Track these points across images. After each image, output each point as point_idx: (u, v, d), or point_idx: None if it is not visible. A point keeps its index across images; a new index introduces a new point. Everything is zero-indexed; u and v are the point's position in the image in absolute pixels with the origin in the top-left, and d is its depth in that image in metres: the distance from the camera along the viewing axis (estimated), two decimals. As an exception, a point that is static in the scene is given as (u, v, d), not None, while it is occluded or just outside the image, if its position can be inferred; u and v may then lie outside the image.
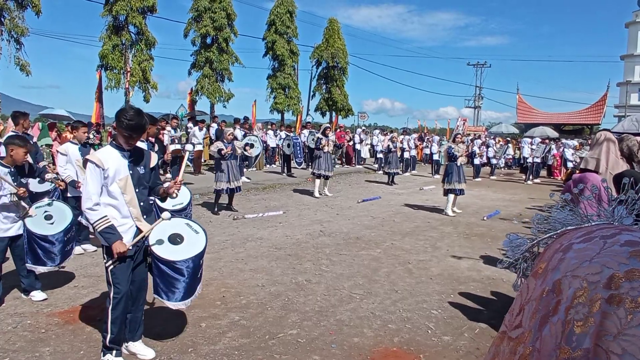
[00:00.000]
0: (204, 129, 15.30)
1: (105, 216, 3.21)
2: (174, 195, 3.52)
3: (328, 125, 13.57)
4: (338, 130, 21.36)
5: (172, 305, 3.46)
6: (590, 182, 3.50)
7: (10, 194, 4.31)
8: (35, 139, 10.23)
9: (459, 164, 9.69)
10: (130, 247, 3.27)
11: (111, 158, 3.27)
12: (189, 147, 3.86)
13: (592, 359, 1.15)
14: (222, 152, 9.02)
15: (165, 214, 3.42)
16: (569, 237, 1.51)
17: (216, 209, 9.27)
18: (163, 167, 11.44)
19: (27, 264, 4.46)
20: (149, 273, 3.55)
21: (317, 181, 11.94)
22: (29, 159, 5.04)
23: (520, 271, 1.86)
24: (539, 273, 1.48)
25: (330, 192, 12.36)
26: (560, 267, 1.37)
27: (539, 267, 1.51)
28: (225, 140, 9.23)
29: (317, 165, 11.72)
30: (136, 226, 3.36)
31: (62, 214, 4.76)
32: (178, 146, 12.13)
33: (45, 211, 4.66)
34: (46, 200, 4.98)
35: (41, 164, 6.59)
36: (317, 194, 11.85)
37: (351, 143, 21.15)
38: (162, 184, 3.66)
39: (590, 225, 1.56)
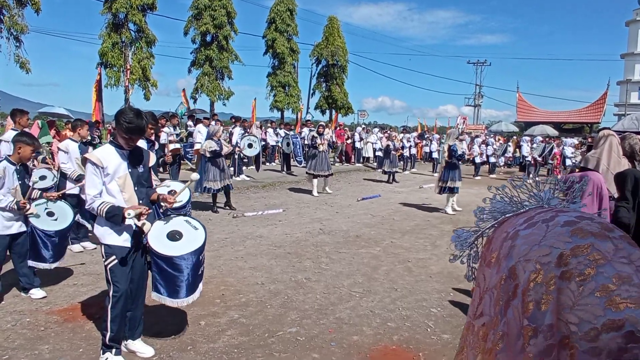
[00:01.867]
0: (208, 126, 15.27)
1: (103, 201, 3.21)
2: (166, 206, 3.52)
3: (322, 123, 13.50)
4: (337, 128, 21.36)
5: (172, 302, 3.45)
6: (591, 181, 3.49)
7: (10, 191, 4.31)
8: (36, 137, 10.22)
9: (459, 163, 9.70)
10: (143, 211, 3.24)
11: (110, 157, 3.26)
12: (194, 176, 3.86)
13: (555, 332, 1.27)
14: (222, 152, 8.97)
15: (194, 175, 3.66)
16: (512, 225, 1.63)
17: (215, 208, 9.27)
18: (163, 166, 11.45)
19: (28, 260, 4.48)
20: (148, 271, 3.55)
21: (315, 181, 11.89)
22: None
23: (469, 263, 1.98)
24: (492, 262, 1.57)
25: (330, 189, 12.35)
26: (512, 254, 1.47)
27: (491, 256, 1.61)
28: (215, 139, 9.12)
29: (313, 166, 11.69)
30: (135, 224, 3.36)
31: (63, 212, 4.78)
32: (177, 145, 12.11)
33: (46, 208, 4.67)
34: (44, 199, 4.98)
35: (40, 158, 6.60)
36: (315, 193, 11.84)
37: (349, 142, 21.14)
38: (155, 186, 3.66)
39: (527, 210, 1.68)
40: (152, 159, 3.57)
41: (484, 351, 1.50)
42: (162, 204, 3.62)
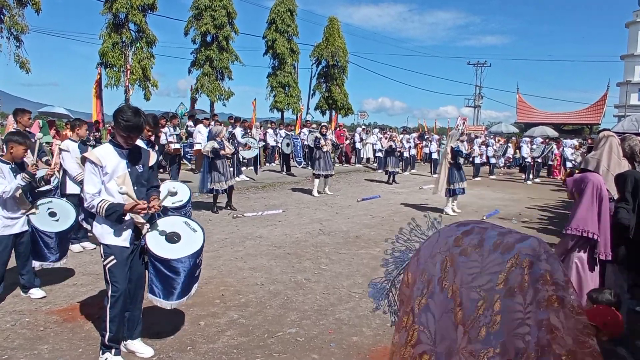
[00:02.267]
0: (208, 126, 15.26)
1: (102, 199, 3.21)
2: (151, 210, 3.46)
3: (325, 124, 13.54)
4: (337, 129, 21.35)
5: (166, 304, 3.44)
6: (591, 182, 3.49)
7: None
8: (36, 136, 10.22)
9: (462, 162, 9.72)
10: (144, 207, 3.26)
11: (109, 156, 3.26)
12: (172, 190, 3.87)
13: (509, 348, 1.45)
14: (221, 152, 8.97)
15: (171, 189, 3.58)
16: (426, 260, 1.87)
17: (215, 209, 9.27)
18: (163, 167, 11.45)
19: (33, 261, 4.50)
20: (146, 271, 3.54)
21: (317, 181, 11.94)
22: (31, 157, 5.02)
23: (390, 310, 2.16)
24: (424, 293, 1.82)
25: (330, 190, 12.35)
26: (456, 280, 1.70)
27: (419, 301, 1.82)
28: (217, 139, 9.15)
29: (317, 166, 11.73)
30: (134, 224, 3.36)
31: (66, 212, 4.78)
32: (178, 145, 12.12)
33: (49, 208, 4.66)
34: (48, 198, 4.98)
35: (44, 159, 6.59)
36: (315, 193, 11.84)
37: (348, 142, 21.14)
38: (158, 185, 3.65)
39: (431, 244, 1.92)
40: (153, 158, 3.56)
41: None
42: (166, 202, 3.64)
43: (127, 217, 3.27)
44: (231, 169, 9.76)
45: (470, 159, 9.57)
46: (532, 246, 1.66)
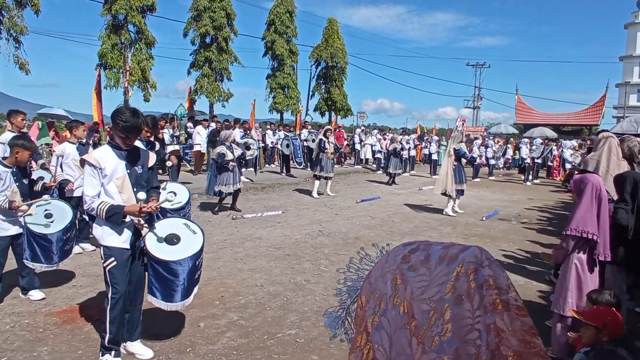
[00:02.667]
0: (207, 128, 15.27)
1: (102, 201, 3.21)
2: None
3: (329, 127, 13.66)
4: (337, 130, 21.36)
5: (166, 306, 3.43)
6: (590, 183, 3.49)
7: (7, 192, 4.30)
8: (34, 138, 10.20)
9: (464, 164, 9.75)
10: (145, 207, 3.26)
11: (108, 157, 3.26)
12: (170, 196, 3.90)
13: (462, 354, 1.53)
14: (230, 164, 9.01)
15: (170, 196, 3.72)
16: (378, 290, 1.97)
17: (217, 209, 9.30)
18: (163, 168, 11.45)
19: (24, 260, 4.41)
20: (146, 273, 3.53)
21: (317, 182, 11.97)
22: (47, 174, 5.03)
23: (347, 338, 2.28)
24: (379, 311, 1.91)
25: (332, 191, 12.35)
26: (407, 295, 1.80)
27: (374, 310, 1.93)
28: (227, 144, 9.22)
29: (319, 168, 11.80)
30: (134, 225, 3.35)
31: (62, 213, 4.73)
32: (177, 147, 12.11)
33: (46, 209, 4.63)
34: (46, 198, 4.94)
35: (39, 162, 6.57)
36: (315, 195, 11.85)
37: (346, 143, 21.16)
38: (158, 186, 3.65)
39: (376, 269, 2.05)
40: (152, 160, 3.55)
41: None
42: (166, 204, 3.65)
43: (127, 219, 3.27)
44: (243, 169, 9.89)
45: (473, 162, 9.62)
46: (474, 254, 1.77)
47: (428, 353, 1.62)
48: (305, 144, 17.46)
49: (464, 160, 9.87)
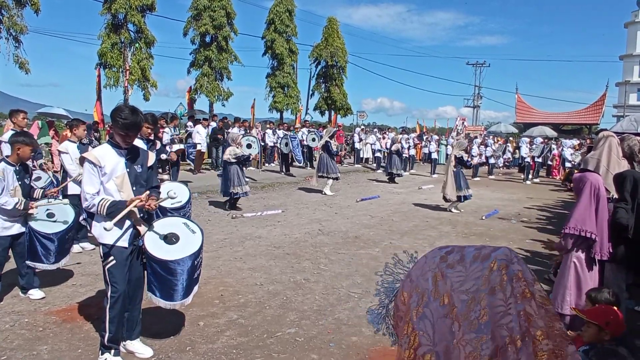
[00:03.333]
0: (207, 127, 15.29)
1: (102, 198, 3.21)
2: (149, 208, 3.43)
3: (335, 129, 13.87)
4: (337, 129, 21.35)
5: (165, 305, 3.44)
6: (589, 182, 3.49)
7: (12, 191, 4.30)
8: (34, 137, 10.19)
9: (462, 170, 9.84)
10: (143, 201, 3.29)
11: (108, 156, 3.26)
12: (172, 194, 3.92)
13: (497, 336, 1.82)
14: (250, 159, 9.21)
15: (172, 193, 3.76)
16: (419, 280, 2.30)
17: (227, 208, 9.49)
18: (163, 167, 11.46)
19: (27, 261, 4.44)
20: (145, 272, 3.53)
21: (330, 181, 12.19)
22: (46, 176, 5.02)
23: (390, 332, 2.55)
24: (422, 303, 2.20)
25: (331, 191, 12.37)
26: (447, 288, 2.11)
27: (416, 303, 2.24)
28: (235, 144, 9.38)
29: (328, 170, 11.98)
30: (133, 224, 3.35)
31: (64, 212, 4.74)
32: (181, 146, 12.13)
33: (47, 209, 4.63)
34: (47, 199, 4.95)
35: (39, 162, 6.56)
36: (329, 192, 12.10)
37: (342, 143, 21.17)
38: (158, 186, 3.65)
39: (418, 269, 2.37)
40: (152, 159, 3.55)
41: None
42: (165, 203, 3.66)
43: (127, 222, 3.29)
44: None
45: (470, 166, 9.74)
46: (505, 253, 2.07)
47: (468, 333, 1.90)
48: (304, 142, 17.46)
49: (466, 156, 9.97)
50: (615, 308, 2.81)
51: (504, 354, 1.77)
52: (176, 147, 11.25)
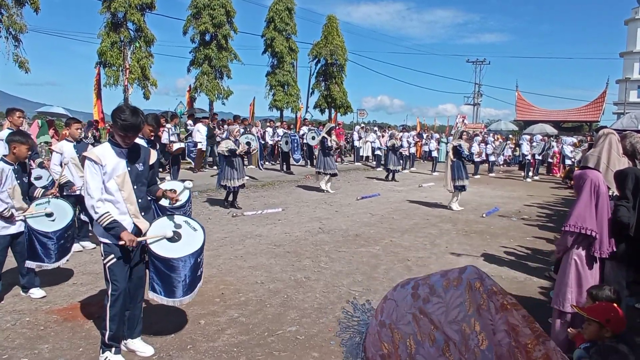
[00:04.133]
0: (207, 126, 15.26)
1: (108, 212, 3.20)
2: (174, 201, 3.59)
3: (333, 125, 13.90)
4: (337, 127, 21.33)
5: (168, 302, 3.43)
6: (589, 179, 3.49)
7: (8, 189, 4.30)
8: (34, 136, 10.22)
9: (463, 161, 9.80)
10: (138, 241, 3.30)
11: (109, 155, 3.26)
12: (188, 184, 3.92)
13: (501, 354, 1.83)
14: (237, 152, 9.18)
15: (188, 183, 3.77)
16: (394, 315, 2.35)
17: (226, 204, 9.51)
18: (161, 165, 11.46)
19: (26, 261, 4.42)
20: (146, 270, 3.54)
21: (325, 177, 12.25)
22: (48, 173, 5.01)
23: None
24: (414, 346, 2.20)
25: (332, 189, 12.41)
26: (436, 325, 2.07)
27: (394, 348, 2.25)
28: (232, 138, 9.36)
29: (324, 166, 12.03)
30: (134, 223, 3.35)
31: (63, 211, 4.73)
32: (182, 145, 12.13)
33: (46, 208, 4.63)
34: (46, 198, 4.94)
35: (37, 161, 6.55)
36: (324, 187, 12.21)
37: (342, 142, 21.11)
38: (159, 183, 3.66)
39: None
40: (153, 157, 3.55)
41: None
42: (163, 200, 3.66)
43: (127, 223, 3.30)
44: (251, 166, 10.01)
45: (472, 160, 9.70)
46: (473, 271, 2.12)
47: None
48: (304, 140, 17.45)
49: (466, 149, 9.92)
50: (615, 305, 2.81)
51: None
52: (176, 145, 11.26)
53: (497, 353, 1.80)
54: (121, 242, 3.19)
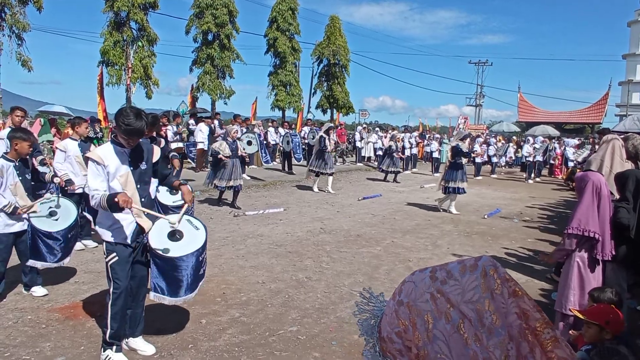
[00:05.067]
0: (209, 125, 15.27)
1: (104, 193, 3.15)
2: (190, 203, 3.55)
3: (332, 125, 13.85)
4: (339, 127, 21.33)
5: (171, 301, 3.44)
6: (590, 181, 3.49)
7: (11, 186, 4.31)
8: (35, 135, 10.23)
9: (463, 162, 9.73)
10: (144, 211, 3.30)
11: (111, 155, 3.26)
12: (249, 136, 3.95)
13: (513, 333, 1.96)
14: (221, 157, 9.09)
15: (173, 218, 3.42)
16: (415, 295, 2.45)
17: (220, 203, 9.53)
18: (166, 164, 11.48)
19: (29, 260, 4.44)
20: (149, 269, 3.54)
21: (317, 178, 12.24)
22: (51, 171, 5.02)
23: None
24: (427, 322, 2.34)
25: (333, 189, 12.38)
26: (453, 304, 2.22)
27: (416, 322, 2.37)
28: (230, 139, 9.31)
29: (321, 165, 11.95)
30: (137, 222, 3.36)
31: (67, 210, 4.74)
32: (180, 144, 12.13)
33: (50, 207, 4.64)
34: (49, 196, 4.95)
35: (39, 158, 6.57)
36: (316, 189, 12.19)
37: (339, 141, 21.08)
38: (172, 174, 3.66)
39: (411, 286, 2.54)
40: (157, 154, 3.54)
41: None
42: (165, 199, 3.65)
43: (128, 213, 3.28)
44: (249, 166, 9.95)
45: (471, 158, 9.65)
46: (488, 259, 2.22)
47: (491, 339, 2.01)
48: (305, 140, 17.45)
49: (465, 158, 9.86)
50: (613, 306, 2.81)
51: (521, 350, 1.91)
52: (174, 145, 11.24)
53: (509, 333, 1.96)
54: (120, 206, 3.09)
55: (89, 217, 6.00)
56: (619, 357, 2.57)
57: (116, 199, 3.06)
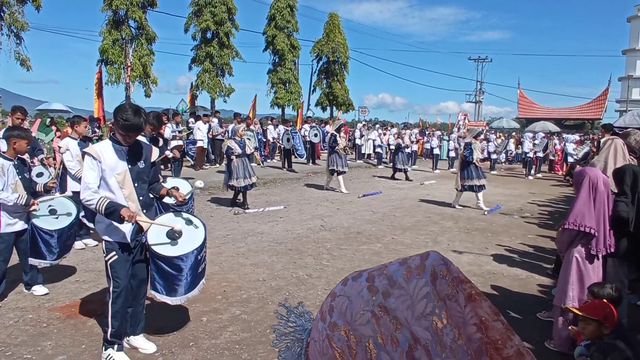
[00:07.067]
0: (208, 123, 15.26)
1: (102, 197, 3.17)
2: (180, 200, 3.54)
3: (343, 122, 13.81)
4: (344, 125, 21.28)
5: (170, 300, 3.44)
6: (588, 177, 3.49)
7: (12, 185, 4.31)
8: (34, 133, 10.24)
9: (477, 162, 9.71)
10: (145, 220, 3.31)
11: (109, 152, 3.25)
12: (198, 184, 3.93)
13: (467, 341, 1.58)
14: (232, 155, 9.05)
15: (199, 183, 3.87)
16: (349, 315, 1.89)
17: (237, 202, 9.42)
18: (164, 163, 11.47)
19: (30, 259, 4.45)
20: (149, 267, 3.54)
21: (340, 178, 11.96)
22: (47, 171, 5.02)
23: None
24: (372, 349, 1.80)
25: (335, 186, 12.28)
26: (403, 324, 1.73)
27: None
28: (237, 138, 9.26)
29: (338, 163, 11.82)
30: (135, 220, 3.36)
31: (67, 209, 4.75)
32: (180, 142, 12.12)
33: (50, 205, 4.64)
34: (50, 195, 4.96)
35: (40, 157, 6.59)
36: (344, 190, 11.83)
37: (317, 140, 20.97)
38: (161, 181, 3.66)
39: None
40: (155, 154, 3.54)
41: None
42: (169, 199, 3.66)
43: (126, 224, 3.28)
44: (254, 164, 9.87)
45: (472, 160, 9.62)
46: (437, 257, 1.78)
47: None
48: (307, 138, 17.43)
49: (476, 156, 9.75)
50: (605, 301, 2.82)
51: None
52: (174, 143, 11.24)
53: (474, 348, 1.56)
54: (125, 220, 3.13)
55: (87, 222, 5.97)
56: (619, 351, 2.58)
57: (122, 214, 3.09)
